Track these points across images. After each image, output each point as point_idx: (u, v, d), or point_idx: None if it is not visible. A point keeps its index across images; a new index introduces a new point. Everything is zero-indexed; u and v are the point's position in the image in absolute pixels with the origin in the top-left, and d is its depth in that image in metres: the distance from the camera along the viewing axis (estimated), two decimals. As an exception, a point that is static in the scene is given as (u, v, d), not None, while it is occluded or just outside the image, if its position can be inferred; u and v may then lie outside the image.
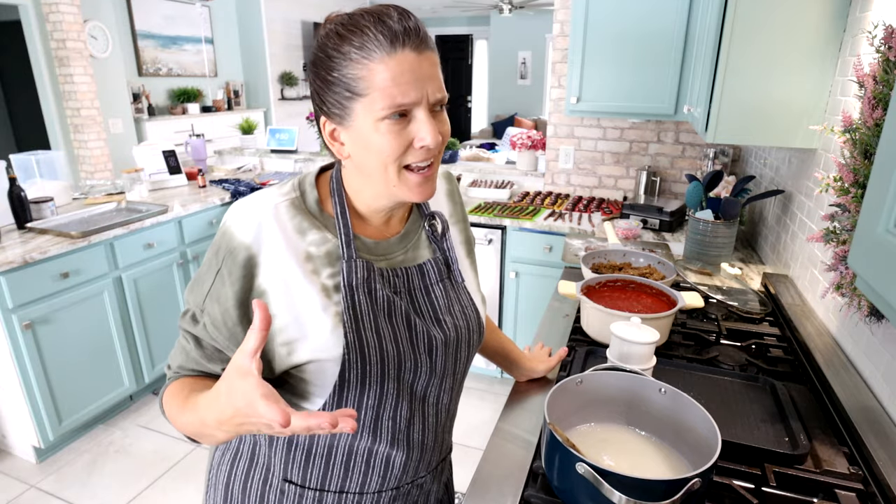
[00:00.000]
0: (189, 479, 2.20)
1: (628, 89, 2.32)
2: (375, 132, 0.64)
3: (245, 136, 3.97)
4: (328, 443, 0.77)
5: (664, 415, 0.86)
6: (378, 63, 0.61)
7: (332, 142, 0.70)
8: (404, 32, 0.62)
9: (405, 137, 0.65)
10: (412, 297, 0.77)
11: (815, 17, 1.34)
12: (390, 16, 0.62)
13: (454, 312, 0.80)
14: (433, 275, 0.79)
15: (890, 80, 0.96)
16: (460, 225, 0.90)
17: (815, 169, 1.45)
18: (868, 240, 0.60)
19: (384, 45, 0.61)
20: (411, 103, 0.63)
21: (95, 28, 4.42)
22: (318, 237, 0.71)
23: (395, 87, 0.62)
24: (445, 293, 0.80)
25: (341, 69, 0.63)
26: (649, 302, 1.30)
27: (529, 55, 9.00)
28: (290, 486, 0.79)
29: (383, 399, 0.75)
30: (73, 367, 2.26)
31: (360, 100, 0.63)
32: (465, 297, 0.83)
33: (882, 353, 1.03)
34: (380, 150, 0.65)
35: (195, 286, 0.72)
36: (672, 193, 2.75)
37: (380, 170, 0.67)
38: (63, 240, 2.20)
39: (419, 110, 0.64)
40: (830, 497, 0.81)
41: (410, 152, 0.66)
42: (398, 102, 0.62)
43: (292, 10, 6.54)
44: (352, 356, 0.70)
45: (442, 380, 0.80)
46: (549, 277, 2.50)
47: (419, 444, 0.82)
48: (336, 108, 0.66)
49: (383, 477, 0.80)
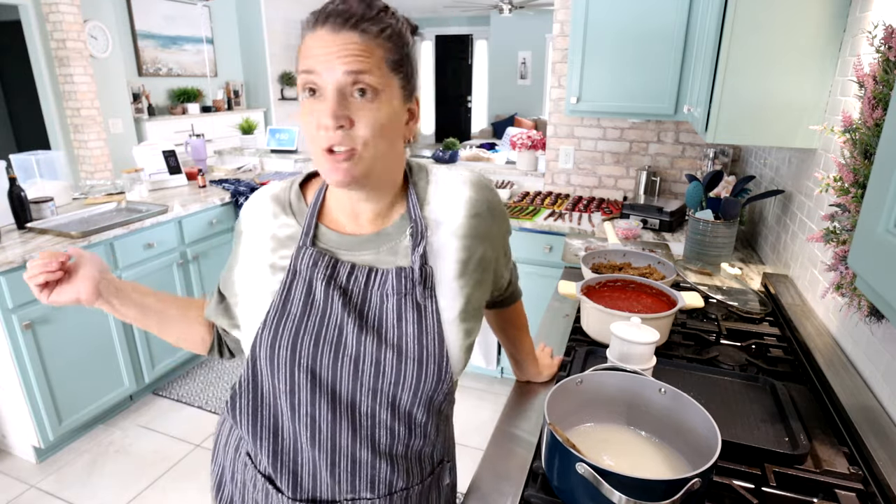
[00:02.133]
0: (189, 479, 2.20)
1: (628, 89, 2.32)
2: (302, 107, 0.67)
3: (245, 136, 3.97)
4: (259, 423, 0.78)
5: (664, 415, 0.86)
6: (304, 41, 0.66)
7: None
8: (329, 13, 0.64)
9: (315, 117, 0.64)
10: (364, 300, 0.73)
11: (815, 17, 1.34)
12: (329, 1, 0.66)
13: (405, 332, 0.73)
14: (391, 285, 0.73)
15: (890, 80, 0.96)
16: (468, 241, 0.77)
17: (815, 169, 1.46)
18: (868, 240, 0.60)
19: (309, 22, 0.65)
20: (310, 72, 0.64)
21: (95, 28, 4.42)
22: (284, 221, 0.77)
23: (306, 58, 0.65)
24: (399, 308, 0.73)
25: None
26: (649, 302, 1.30)
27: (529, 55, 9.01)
28: (248, 461, 0.83)
29: (295, 388, 0.73)
30: (73, 367, 2.26)
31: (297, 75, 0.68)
32: (430, 322, 0.73)
33: (882, 353, 1.03)
34: (304, 126, 0.67)
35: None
36: (672, 193, 2.75)
37: (309, 146, 0.68)
38: (63, 240, 2.20)
39: (327, 88, 0.63)
40: (830, 497, 0.81)
41: (321, 134, 0.64)
42: (303, 68, 0.65)
43: (292, 10, 6.54)
44: (264, 333, 0.74)
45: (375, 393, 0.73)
46: (549, 277, 2.50)
47: (348, 454, 0.75)
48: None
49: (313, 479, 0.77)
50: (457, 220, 0.77)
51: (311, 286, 0.73)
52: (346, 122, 0.63)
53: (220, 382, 2.86)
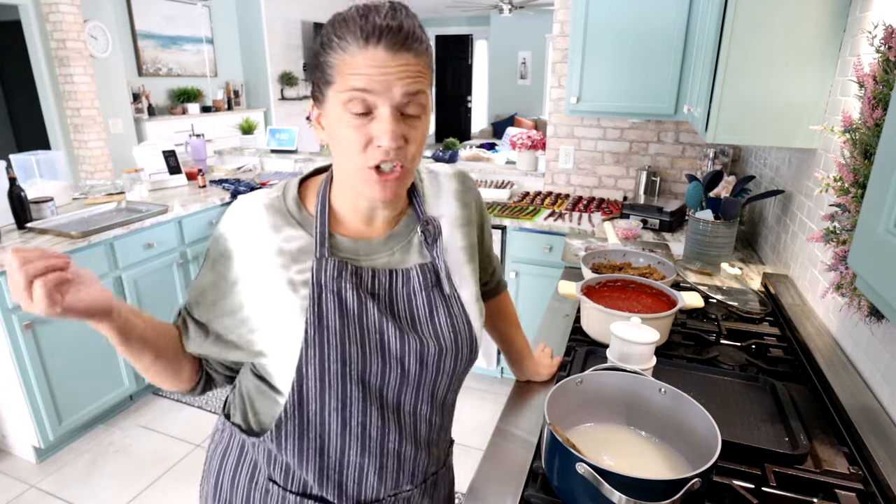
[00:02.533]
0: (189, 479, 2.20)
1: (628, 89, 2.32)
2: (340, 123, 0.65)
3: (245, 136, 3.97)
4: (304, 445, 0.75)
5: (664, 415, 0.86)
6: (350, 55, 0.63)
7: (317, 125, 0.72)
8: (382, 29, 0.62)
9: (365, 133, 0.65)
10: (391, 302, 0.75)
11: (815, 17, 1.34)
12: (379, 12, 0.62)
13: (438, 323, 0.76)
14: (417, 282, 0.76)
15: (890, 80, 0.96)
16: (465, 229, 0.84)
17: (815, 169, 1.45)
18: (868, 240, 0.60)
19: (359, 38, 0.62)
20: (367, 91, 0.63)
21: (95, 28, 4.42)
22: (290, 234, 0.72)
23: (354, 75, 0.63)
24: (429, 302, 0.77)
25: (324, 55, 0.66)
26: (649, 302, 1.30)
27: (529, 55, 9.01)
28: (274, 487, 0.80)
29: (347, 402, 0.73)
30: (73, 367, 2.25)
31: (332, 87, 0.65)
32: (457, 308, 0.78)
33: (882, 353, 1.03)
34: (343, 140, 0.66)
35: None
36: (672, 193, 2.75)
37: (345, 161, 0.68)
38: (63, 240, 2.20)
39: (383, 108, 0.64)
40: (830, 497, 0.81)
41: (371, 151, 0.65)
42: (353, 86, 0.63)
43: (292, 10, 6.54)
44: (310, 351, 0.69)
45: (418, 390, 0.77)
46: (549, 277, 2.50)
47: (394, 454, 0.79)
48: (318, 92, 0.69)
49: (359, 485, 0.79)
50: (453, 211, 0.84)
51: (341, 296, 0.71)
52: (402, 140, 0.65)
53: (220, 382, 2.86)
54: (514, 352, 1.13)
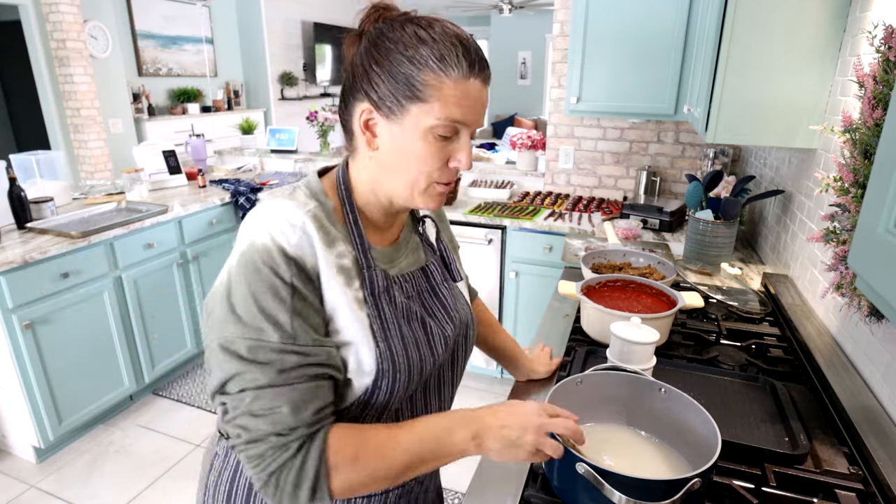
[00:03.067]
0: (189, 479, 2.20)
1: (628, 89, 2.32)
2: (421, 139, 0.66)
3: (245, 136, 3.97)
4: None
5: (664, 415, 0.86)
6: (453, 81, 0.64)
7: (364, 130, 0.69)
8: (481, 63, 0.67)
9: (444, 154, 0.68)
10: (422, 300, 0.79)
11: (815, 17, 1.34)
12: (470, 44, 0.66)
13: (458, 308, 0.83)
14: (438, 275, 0.82)
15: (890, 80, 0.96)
16: (441, 224, 0.93)
17: (815, 169, 1.45)
18: (868, 240, 0.60)
19: (463, 67, 0.65)
20: (463, 124, 0.67)
21: (95, 28, 4.42)
22: (342, 249, 0.69)
23: (457, 105, 0.65)
24: (450, 291, 0.83)
25: (412, 69, 0.64)
26: (649, 302, 1.30)
27: (529, 55, 9.01)
28: None
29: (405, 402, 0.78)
30: (73, 367, 2.25)
31: (420, 104, 0.65)
32: (465, 293, 0.88)
33: (882, 353, 1.03)
34: (420, 158, 0.67)
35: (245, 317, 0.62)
36: (672, 193, 2.75)
37: (409, 175, 0.68)
38: (63, 240, 2.20)
39: (464, 135, 0.68)
40: (830, 497, 0.81)
41: (443, 170, 0.69)
42: (454, 118, 0.65)
43: (292, 10, 6.54)
44: (384, 366, 0.69)
45: (461, 374, 0.87)
46: (549, 277, 2.50)
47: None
48: (389, 101, 0.66)
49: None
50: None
51: (393, 303, 0.73)
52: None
53: (220, 382, 2.86)
54: (506, 354, 1.13)
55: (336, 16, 7.31)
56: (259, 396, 0.61)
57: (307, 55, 6.83)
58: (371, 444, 0.65)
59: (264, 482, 0.61)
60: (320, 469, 0.62)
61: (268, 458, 0.61)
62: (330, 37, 7.03)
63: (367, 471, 0.64)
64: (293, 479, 0.61)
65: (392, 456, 0.64)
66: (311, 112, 3.57)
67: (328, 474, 0.62)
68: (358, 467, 0.63)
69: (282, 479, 0.61)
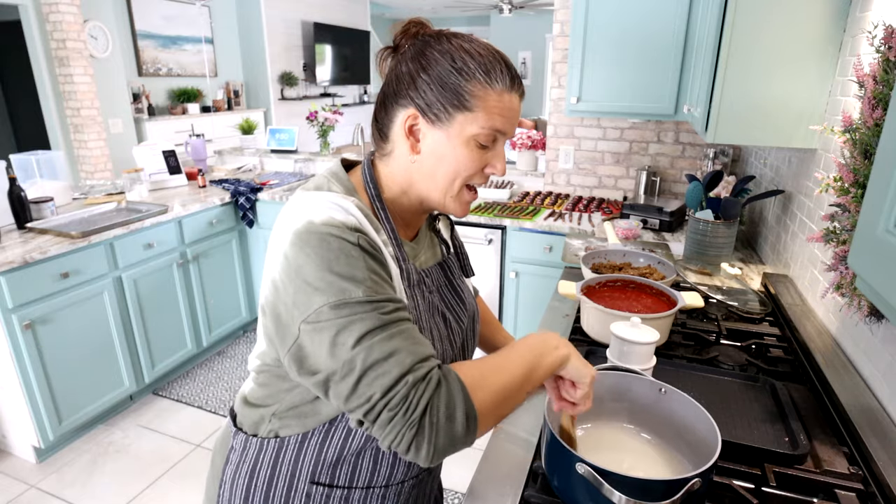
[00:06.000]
0: (189, 479, 2.20)
1: (628, 89, 2.32)
2: (463, 145, 0.70)
3: (245, 136, 3.97)
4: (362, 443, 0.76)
5: (664, 415, 0.86)
6: (497, 93, 0.69)
7: (408, 135, 0.72)
8: (519, 79, 0.72)
9: (482, 160, 0.72)
10: (441, 294, 0.82)
11: (815, 18, 1.34)
12: (509, 61, 0.72)
13: (471, 301, 0.88)
14: (455, 269, 0.87)
15: (890, 80, 0.96)
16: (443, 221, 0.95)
17: (815, 169, 1.45)
18: (868, 240, 0.60)
19: (506, 81, 0.70)
20: (502, 133, 0.72)
21: (95, 28, 4.42)
22: (385, 238, 0.72)
23: (500, 116, 0.70)
24: (464, 285, 0.88)
25: (461, 80, 0.68)
26: (649, 302, 1.30)
27: (529, 55, 9.01)
28: (317, 488, 0.79)
29: None
30: (73, 367, 2.25)
31: (466, 113, 0.69)
32: (467, 287, 0.90)
33: (882, 353, 1.03)
34: (460, 162, 0.71)
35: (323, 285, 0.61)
36: (672, 193, 2.75)
37: (446, 178, 0.72)
38: (63, 240, 2.20)
39: (501, 143, 0.73)
40: (830, 497, 0.81)
41: (478, 174, 0.73)
42: (497, 127, 0.70)
43: (292, 10, 6.54)
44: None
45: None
46: (549, 277, 2.50)
47: None
48: (436, 108, 0.69)
49: (408, 466, 0.82)
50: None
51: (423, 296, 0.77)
52: None
53: (220, 382, 2.86)
54: None
55: (336, 16, 7.31)
56: (372, 345, 0.59)
57: (307, 55, 6.83)
58: (488, 363, 0.66)
59: (415, 432, 0.57)
60: (464, 391, 0.60)
61: (412, 399, 0.57)
62: (330, 37, 7.03)
63: (496, 386, 0.63)
64: (444, 409, 0.58)
65: (510, 369, 0.66)
66: (311, 112, 3.57)
67: (472, 396, 0.61)
68: (487, 385, 0.63)
69: (433, 415, 0.58)
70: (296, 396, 0.76)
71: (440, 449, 0.58)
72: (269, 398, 0.79)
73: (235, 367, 3.00)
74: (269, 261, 0.68)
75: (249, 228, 3.13)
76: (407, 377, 0.58)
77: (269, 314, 0.67)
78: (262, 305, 0.70)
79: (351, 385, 0.59)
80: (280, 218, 0.69)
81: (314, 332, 0.61)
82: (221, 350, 3.18)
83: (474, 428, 0.60)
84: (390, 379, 0.57)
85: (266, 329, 0.70)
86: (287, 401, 0.77)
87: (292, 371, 0.65)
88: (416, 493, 0.86)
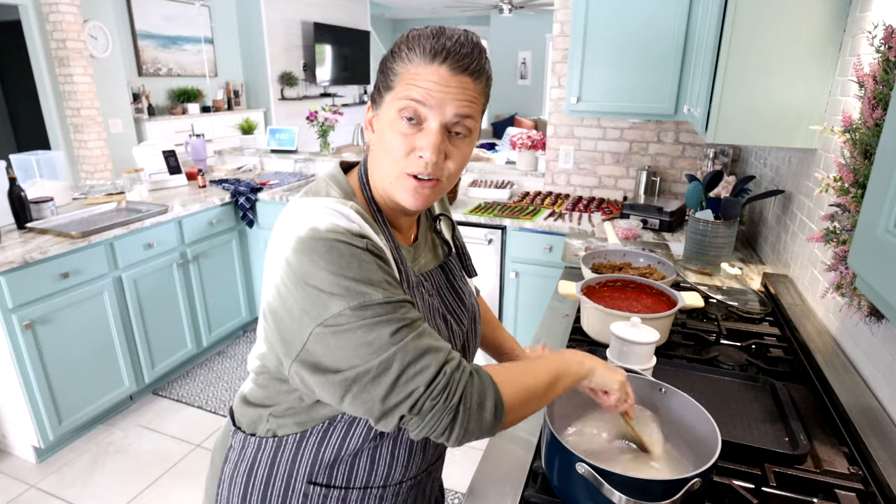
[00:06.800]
0: (189, 479, 2.20)
1: (628, 89, 2.32)
2: (390, 126, 0.68)
3: (245, 136, 3.97)
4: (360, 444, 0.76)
5: (664, 415, 0.86)
6: (414, 66, 0.67)
7: (368, 127, 0.75)
8: (448, 50, 0.66)
9: (411, 142, 0.68)
10: (442, 297, 0.82)
11: (815, 18, 1.34)
12: (451, 36, 0.67)
13: (472, 302, 0.88)
14: (456, 271, 0.87)
15: (890, 80, 0.96)
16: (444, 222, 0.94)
17: (815, 169, 1.46)
18: (868, 240, 0.60)
19: (427, 53, 0.66)
20: (420, 103, 0.66)
21: (95, 28, 4.42)
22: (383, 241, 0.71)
23: (415, 86, 0.66)
24: (465, 286, 0.87)
25: (392, 62, 0.69)
26: (649, 302, 1.30)
27: (529, 55, 9.01)
28: (314, 488, 0.79)
29: None
30: (73, 367, 2.25)
31: (391, 92, 0.69)
32: (468, 288, 0.90)
33: (882, 353, 1.03)
34: (390, 145, 0.69)
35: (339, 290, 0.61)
36: (672, 193, 2.75)
37: (385, 164, 0.71)
38: (63, 240, 2.20)
39: (432, 122, 0.67)
40: (830, 497, 0.81)
41: (412, 160, 0.68)
42: (412, 97, 0.66)
43: (292, 10, 6.54)
44: None
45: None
46: (549, 277, 2.50)
47: None
48: (375, 94, 0.72)
49: (405, 467, 0.81)
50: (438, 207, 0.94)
51: (423, 299, 0.76)
52: (443, 156, 0.69)
53: (219, 382, 2.86)
54: (506, 353, 1.12)
55: (336, 16, 7.31)
56: (406, 344, 0.60)
57: (307, 55, 6.83)
58: (517, 366, 0.72)
59: (451, 417, 0.60)
60: (494, 383, 0.64)
61: (451, 388, 0.60)
62: (330, 37, 7.03)
63: (523, 386, 0.67)
64: (477, 397, 0.62)
65: (537, 374, 0.70)
66: (311, 112, 3.57)
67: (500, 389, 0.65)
68: (514, 383, 0.67)
69: (468, 401, 0.62)
70: (295, 398, 0.76)
71: (469, 433, 0.62)
72: (268, 399, 0.79)
73: (235, 367, 3.00)
74: (269, 265, 0.67)
75: (249, 228, 3.13)
76: (445, 368, 0.61)
77: (270, 319, 0.67)
78: (263, 310, 0.69)
79: (389, 383, 0.59)
80: (280, 222, 0.68)
81: (333, 335, 0.61)
82: (221, 350, 3.18)
83: (501, 417, 0.64)
84: (430, 373, 0.60)
85: (267, 334, 0.70)
86: (286, 402, 0.77)
87: (301, 375, 0.65)
88: (414, 494, 0.86)
